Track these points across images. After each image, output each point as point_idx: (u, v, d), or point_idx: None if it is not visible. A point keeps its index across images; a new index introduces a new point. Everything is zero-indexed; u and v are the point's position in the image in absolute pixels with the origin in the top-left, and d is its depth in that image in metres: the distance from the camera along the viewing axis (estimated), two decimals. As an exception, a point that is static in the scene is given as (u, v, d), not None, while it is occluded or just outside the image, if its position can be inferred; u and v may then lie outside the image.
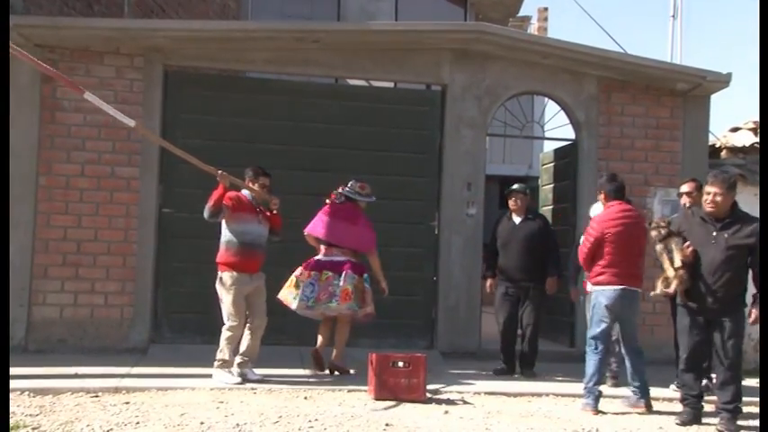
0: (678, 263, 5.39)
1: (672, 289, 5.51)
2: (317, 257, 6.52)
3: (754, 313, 5.22)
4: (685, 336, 5.49)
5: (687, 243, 5.42)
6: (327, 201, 6.63)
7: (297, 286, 6.38)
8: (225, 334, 6.07)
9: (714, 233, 5.31)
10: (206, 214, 5.99)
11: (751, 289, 5.34)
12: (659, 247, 5.56)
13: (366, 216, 6.64)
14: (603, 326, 5.77)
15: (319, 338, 6.61)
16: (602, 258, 5.74)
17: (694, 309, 5.40)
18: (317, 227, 6.55)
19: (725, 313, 5.29)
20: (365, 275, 6.48)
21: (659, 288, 5.59)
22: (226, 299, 6.09)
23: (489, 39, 7.83)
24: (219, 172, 5.99)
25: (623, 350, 5.92)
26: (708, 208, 5.33)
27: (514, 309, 6.99)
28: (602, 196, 6.07)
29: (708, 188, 5.33)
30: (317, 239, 6.58)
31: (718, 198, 5.27)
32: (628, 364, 5.88)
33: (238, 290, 6.06)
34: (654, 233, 5.61)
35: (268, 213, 6.32)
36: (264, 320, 6.21)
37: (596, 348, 5.76)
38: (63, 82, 6.31)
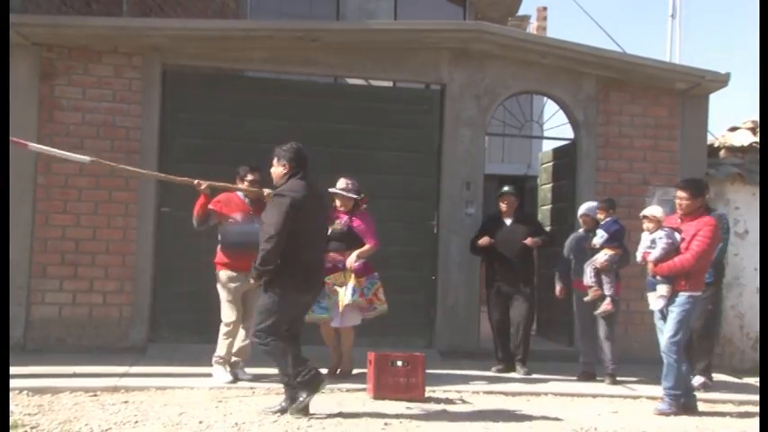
0: None
1: None
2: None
3: None
4: None
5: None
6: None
7: None
8: (221, 330, 6.14)
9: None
10: (194, 224, 6.11)
11: None
12: None
13: (364, 214, 6.47)
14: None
15: (331, 356, 6.47)
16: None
17: None
18: None
19: None
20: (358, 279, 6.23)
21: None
22: (221, 297, 6.15)
23: (488, 38, 7.83)
24: (196, 182, 5.87)
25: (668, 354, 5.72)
26: None
27: (506, 307, 7.04)
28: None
29: None
30: None
31: None
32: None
33: (232, 288, 6.10)
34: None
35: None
36: None
37: (678, 353, 5.68)
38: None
